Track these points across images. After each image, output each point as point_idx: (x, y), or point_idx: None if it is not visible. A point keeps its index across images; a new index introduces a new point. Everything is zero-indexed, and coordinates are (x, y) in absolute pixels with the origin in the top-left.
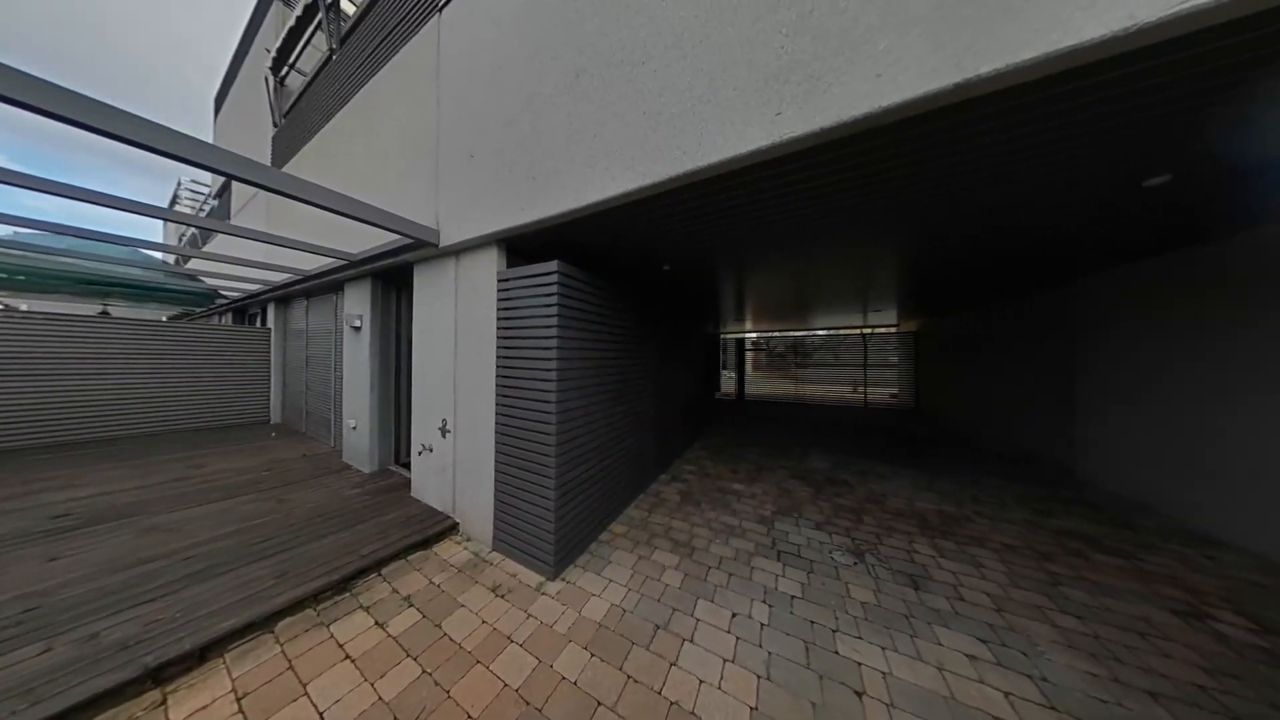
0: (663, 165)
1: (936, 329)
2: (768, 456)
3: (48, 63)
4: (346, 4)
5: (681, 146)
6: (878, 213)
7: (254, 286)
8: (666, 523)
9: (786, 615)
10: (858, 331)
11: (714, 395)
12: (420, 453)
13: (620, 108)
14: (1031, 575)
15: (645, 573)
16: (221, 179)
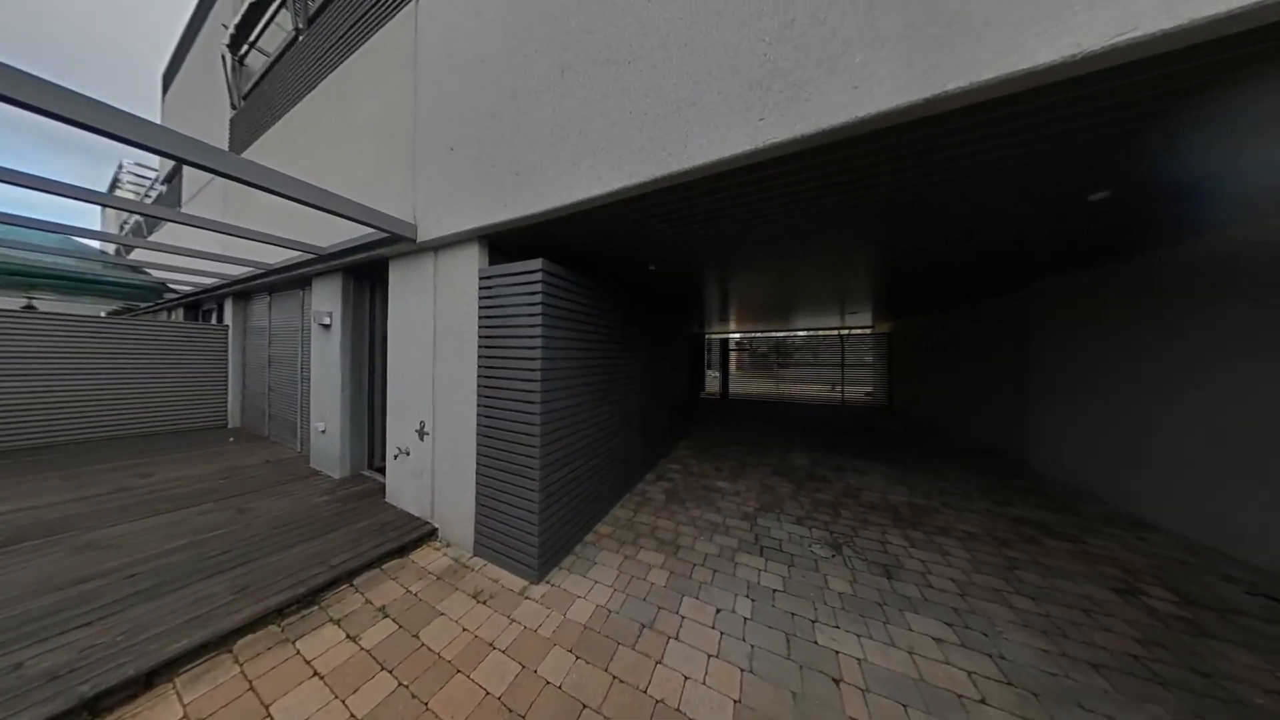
0: (649, 166)
1: (908, 330)
2: (751, 454)
3: None
4: None
5: (667, 148)
6: (855, 218)
7: (209, 280)
8: (652, 522)
9: (768, 609)
10: (836, 332)
11: (699, 395)
12: (396, 456)
13: (606, 106)
14: (991, 561)
15: (631, 573)
16: (171, 163)
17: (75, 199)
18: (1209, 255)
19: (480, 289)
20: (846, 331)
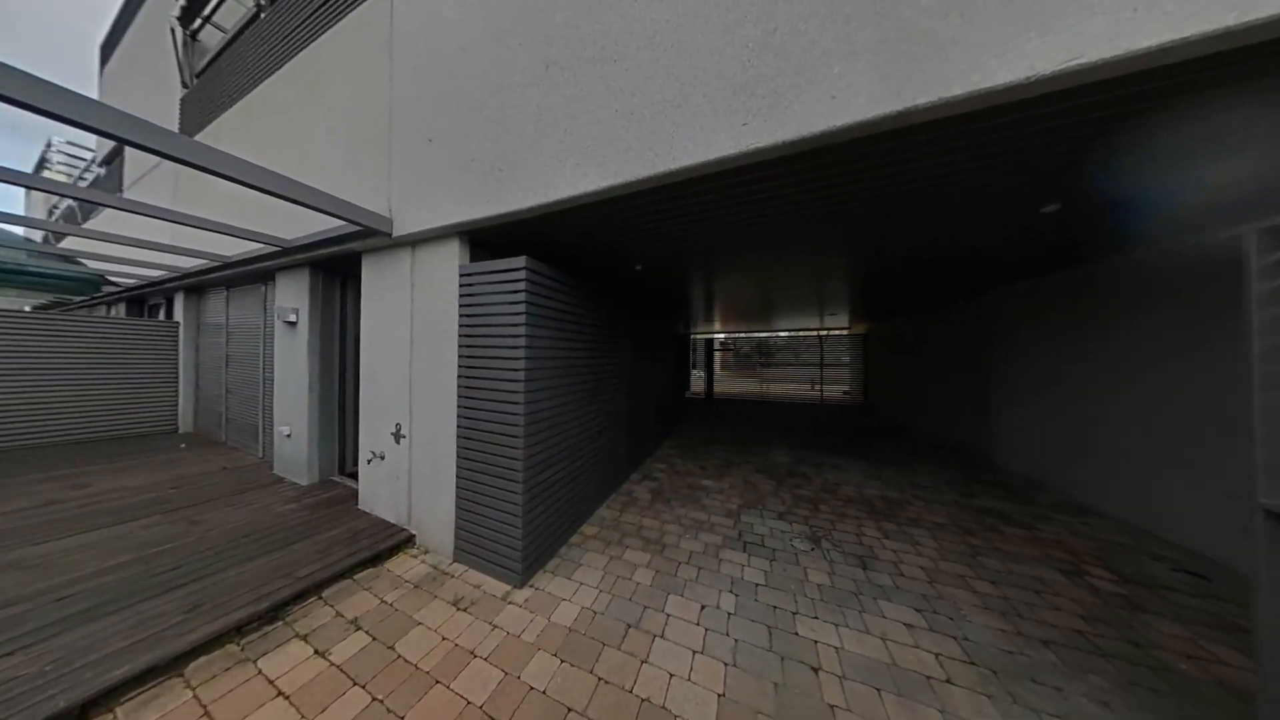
0: (635, 166)
1: (882, 332)
2: (735, 452)
3: None
4: None
5: (654, 148)
6: (834, 223)
7: (156, 273)
8: (638, 521)
9: (751, 603)
10: (815, 333)
11: (684, 394)
12: (370, 461)
13: (592, 104)
14: (957, 549)
15: (617, 573)
16: (111, 143)
17: None
18: (1144, 266)
19: (461, 286)
20: (825, 333)
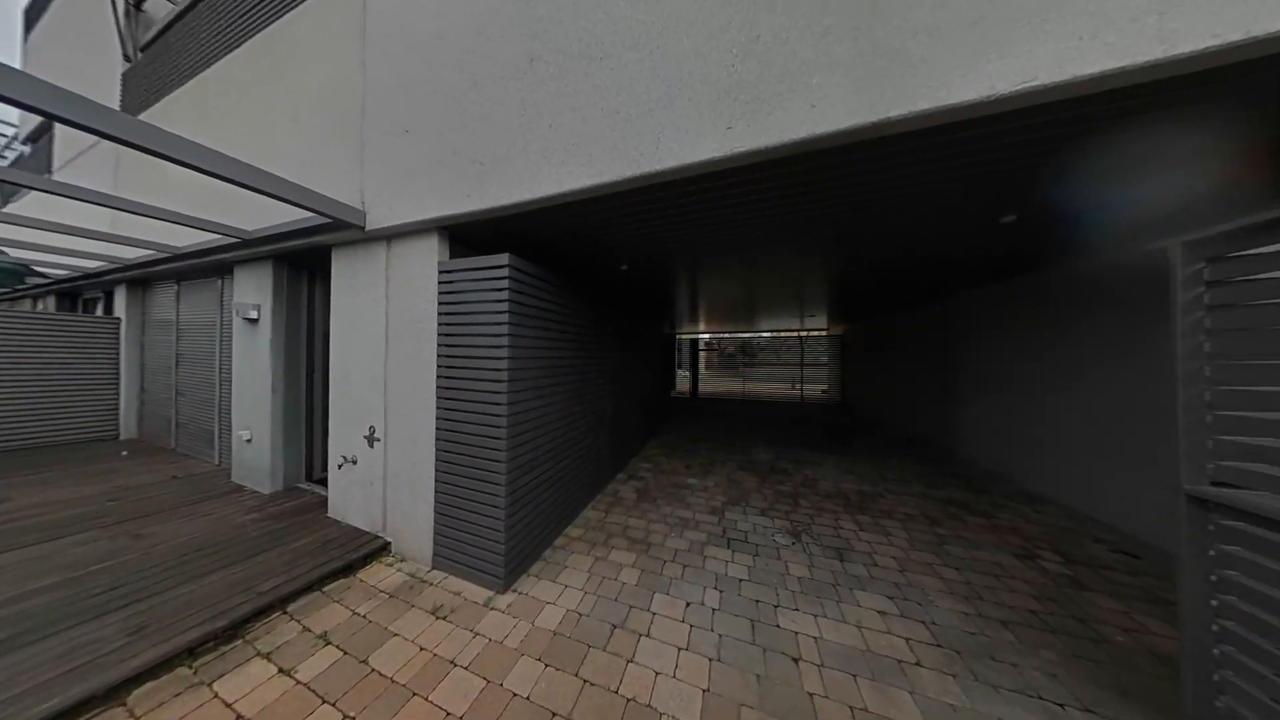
0: (620, 165)
1: (858, 333)
2: (719, 451)
3: None
4: None
5: (640, 148)
6: (815, 228)
7: (93, 263)
8: (623, 521)
9: (735, 598)
10: (796, 334)
11: (670, 394)
12: (341, 466)
13: (578, 101)
14: (925, 538)
15: (602, 574)
16: (37, 119)
17: None
18: (1088, 274)
19: (440, 283)
20: (805, 334)
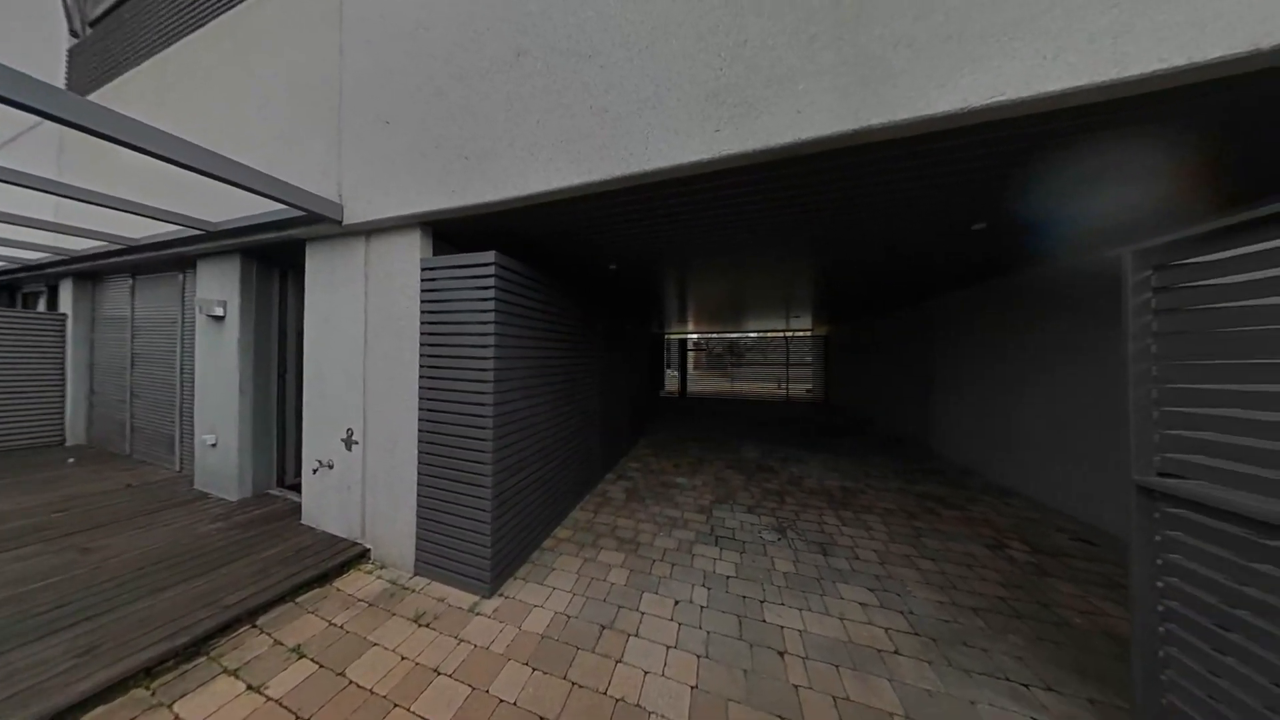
0: (610, 163)
1: (841, 334)
2: (707, 449)
3: None
4: None
5: (629, 147)
6: (802, 230)
7: (33, 255)
8: (612, 522)
9: (723, 594)
10: (781, 335)
11: (659, 393)
12: (316, 470)
13: (566, 98)
14: (903, 531)
15: (591, 575)
16: None
17: None
18: (1051, 279)
19: (424, 281)
20: (790, 334)
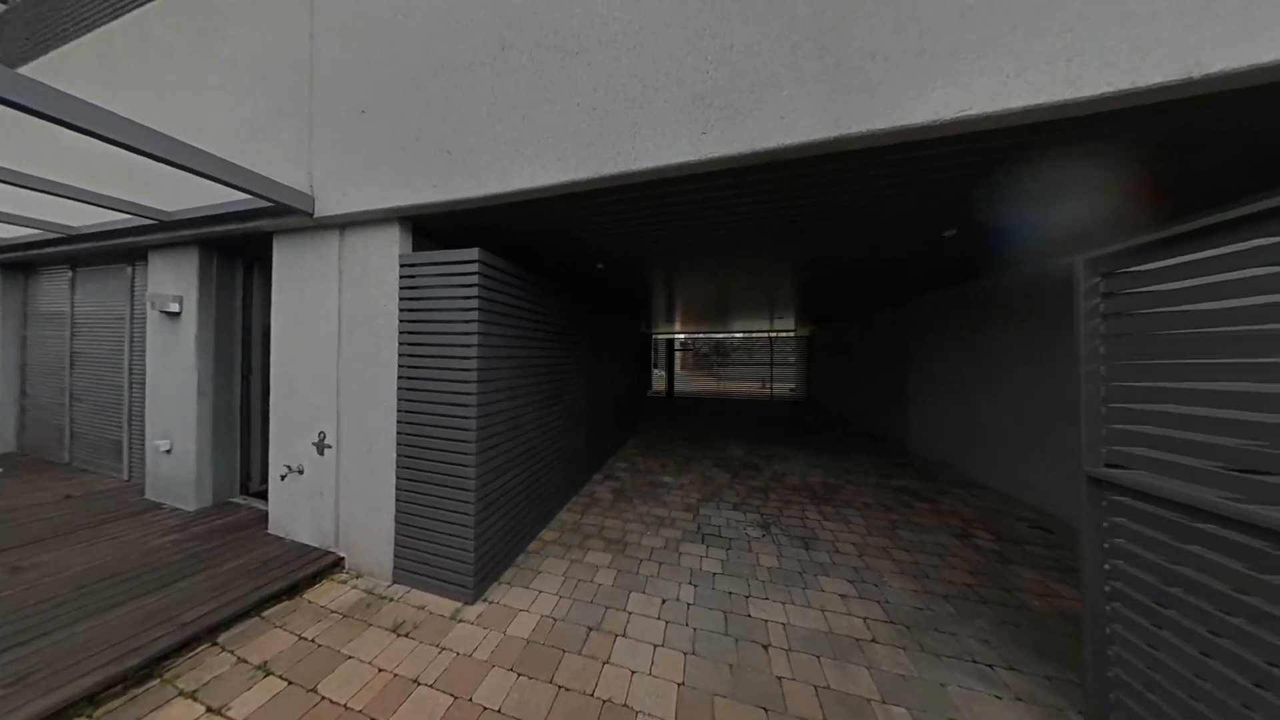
0: (597, 162)
1: (823, 335)
2: (694, 448)
3: None
4: None
5: (616, 146)
6: (784, 233)
7: None
8: (600, 522)
9: (709, 591)
10: (766, 335)
11: (647, 393)
12: (284, 476)
13: (553, 93)
14: (880, 524)
15: (578, 576)
16: None
17: None
18: (1015, 284)
19: (403, 277)
20: (774, 334)
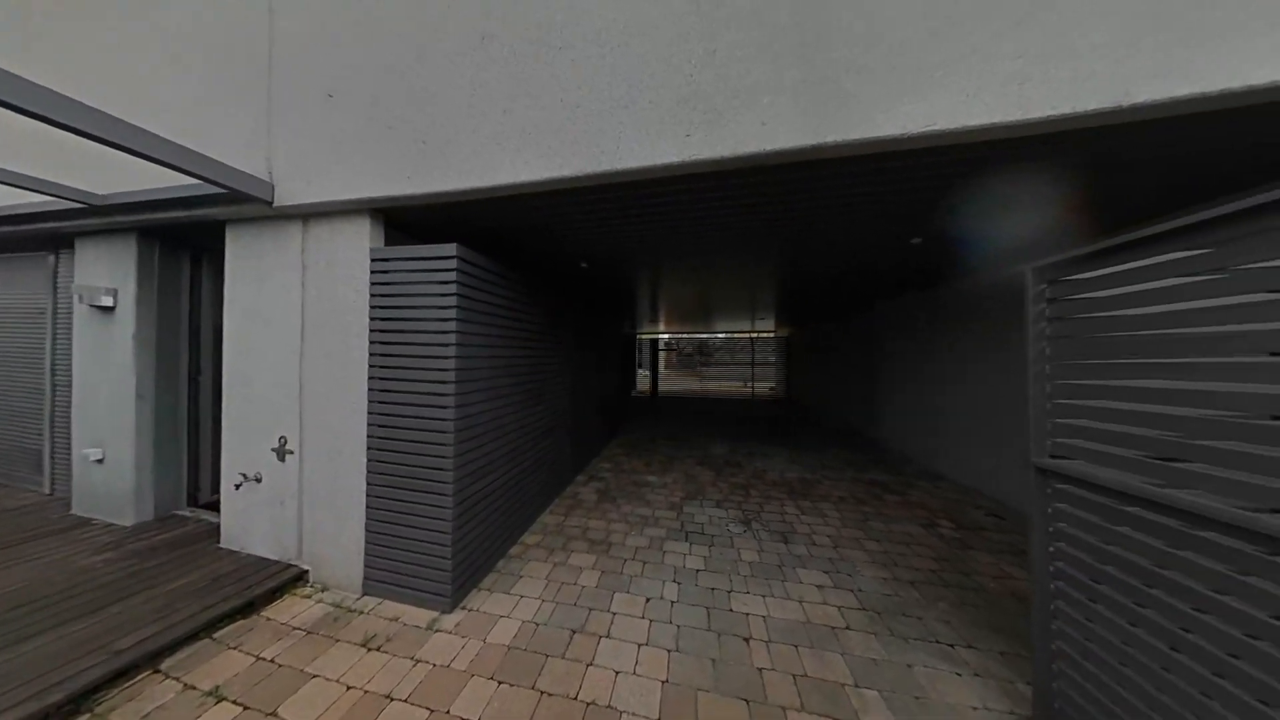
0: (581, 160)
1: (801, 336)
2: (678, 447)
3: None
4: None
5: (600, 144)
6: (769, 235)
7: None
8: (583, 524)
9: (692, 588)
10: (747, 335)
11: (631, 393)
12: (240, 485)
13: (535, 88)
14: (854, 516)
15: (561, 579)
16: None
17: None
18: (972, 290)
19: (374, 272)
20: (756, 335)
